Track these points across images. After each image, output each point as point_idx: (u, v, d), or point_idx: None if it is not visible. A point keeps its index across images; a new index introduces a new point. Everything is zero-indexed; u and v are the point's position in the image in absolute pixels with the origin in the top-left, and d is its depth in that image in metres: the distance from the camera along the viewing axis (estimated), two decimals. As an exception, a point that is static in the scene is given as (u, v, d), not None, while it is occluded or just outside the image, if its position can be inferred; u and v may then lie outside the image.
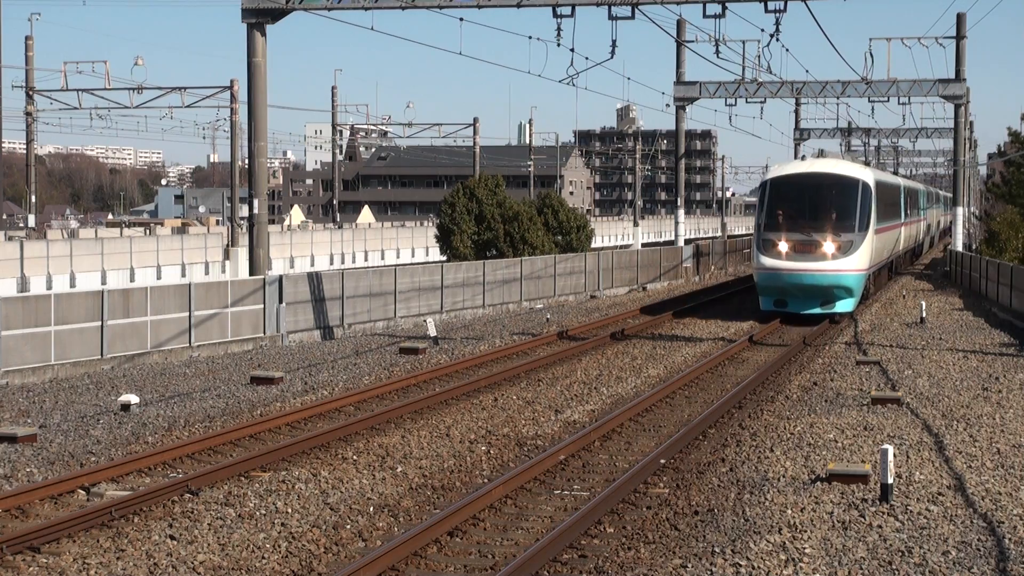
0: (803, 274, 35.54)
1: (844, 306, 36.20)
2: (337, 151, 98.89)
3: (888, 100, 57.24)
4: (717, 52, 35.07)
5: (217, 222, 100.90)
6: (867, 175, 38.12)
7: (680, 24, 53.76)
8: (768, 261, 36.04)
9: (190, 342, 30.04)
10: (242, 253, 54.90)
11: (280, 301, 32.95)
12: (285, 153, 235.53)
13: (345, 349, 30.12)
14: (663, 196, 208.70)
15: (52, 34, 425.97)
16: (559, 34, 31.28)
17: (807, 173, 38.00)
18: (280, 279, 33.47)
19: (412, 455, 17.35)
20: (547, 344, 30.82)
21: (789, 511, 13.75)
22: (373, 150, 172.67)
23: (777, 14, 31.86)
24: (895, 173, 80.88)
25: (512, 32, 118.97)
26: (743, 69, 51.99)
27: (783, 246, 35.73)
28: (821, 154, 45.29)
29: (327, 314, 34.98)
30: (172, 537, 13.16)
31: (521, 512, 14.51)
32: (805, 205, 36.82)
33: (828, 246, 35.44)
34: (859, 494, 14.50)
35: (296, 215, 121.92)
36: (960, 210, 59.52)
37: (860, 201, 36.58)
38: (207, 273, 64.47)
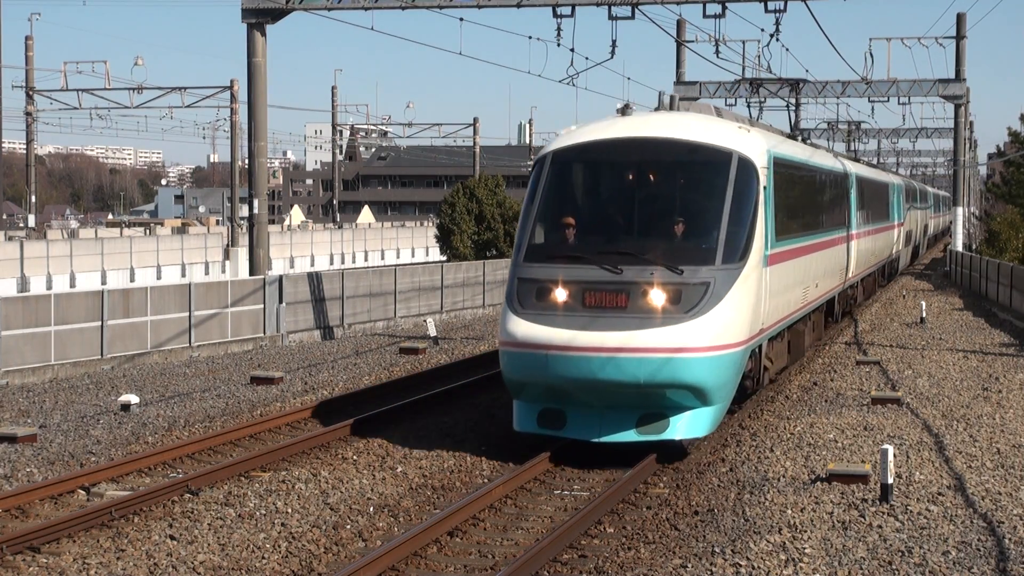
0: (596, 358, 16.15)
1: (690, 426, 16.61)
2: (337, 151, 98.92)
3: (888, 100, 57.14)
4: (717, 52, 35.00)
5: (217, 222, 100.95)
6: (751, 145, 18.22)
7: (680, 24, 53.70)
8: (525, 327, 16.62)
9: (190, 342, 30.03)
10: (242, 253, 54.91)
11: (280, 301, 32.95)
12: (285, 153, 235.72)
13: (345, 349, 30.12)
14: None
15: (52, 34, 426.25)
16: (559, 34, 31.24)
17: (624, 141, 17.91)
18: (280, 279, 33.48)
19: (412, 456, 17.34)
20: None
21: (789, 511, 13.75)
22: (373, 150, 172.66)
23: (777, 14, 31.81)
24: (855, 154, 55.98)
25: (512, 32, 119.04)
26: (743, 69, 51.95)
27: (560, 294, 16.59)
28: (671, 105, 20.09)
29: (327, 314, 34.98)
30: (172, 537, 13.16)
31: (521, 512, 14.51)
32: (614, 207, 17.81)
33: (655, 295, 16.27)
34: (859, 494, 14.50)
35: (296, 215, 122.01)
36: (960, 210, 59.47)
37: (732, 199, 17.24)
38: (207, 273, 64.47)
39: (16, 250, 53.58)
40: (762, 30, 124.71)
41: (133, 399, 20.87)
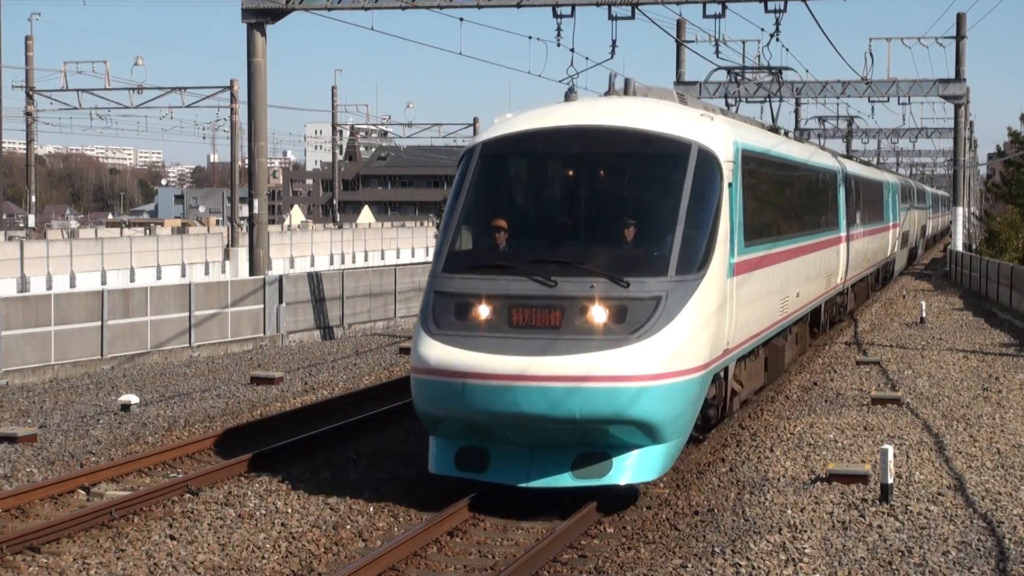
0: (522, 387, 13.64)
1: (638, 468, 14.06)
2: (337, 151, 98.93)
3: (888, 100, 57.13)
4: (717, 52, 34.94)
5: (217, 222, 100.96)
6: (715, 136, 15.80)
7: (680, 24, 53.69)
8: (439, 351, 14.13)
9: (190, 342, 30.03)
10: (242, 253, 54.94)
11: (280, 301, 32.95)
12: (285, 153, 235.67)
13: (345, 349, 30.12)
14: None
15: (52, 34, 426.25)
16: (559, 34, 31.23)
17: (565, 130, 15.53)
18: (280, 279, 33.49)
19: (412, 454, 17.34)
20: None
21: (789, 511, 13.75)
22: (373, 150, 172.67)
23: (777, 14, 31.79)
24: (842, 147, 54.06)
25: (512, 32, 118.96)
26: (743, 70, 51.90)
27: (482, 311, 14.14)
28: (626, 89, 17.14)
29: (327, 314, 34.99)
30: (172, 537, 13.16)
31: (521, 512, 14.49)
32: (551, 207, 15.84)
33: (595, 313, 13.85)
34: (859, 494, 14.50)
35: (296, 215, 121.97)
36: (960, 210, 59.48)
37: (690, 198, 14.80)
38: (207, 273, 64.48)
39: (16, 250, 53.58)
40: (762, 30, 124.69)
41: (133, 399, 20.87)
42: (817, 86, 56.96)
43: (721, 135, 15.98)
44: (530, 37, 33.19)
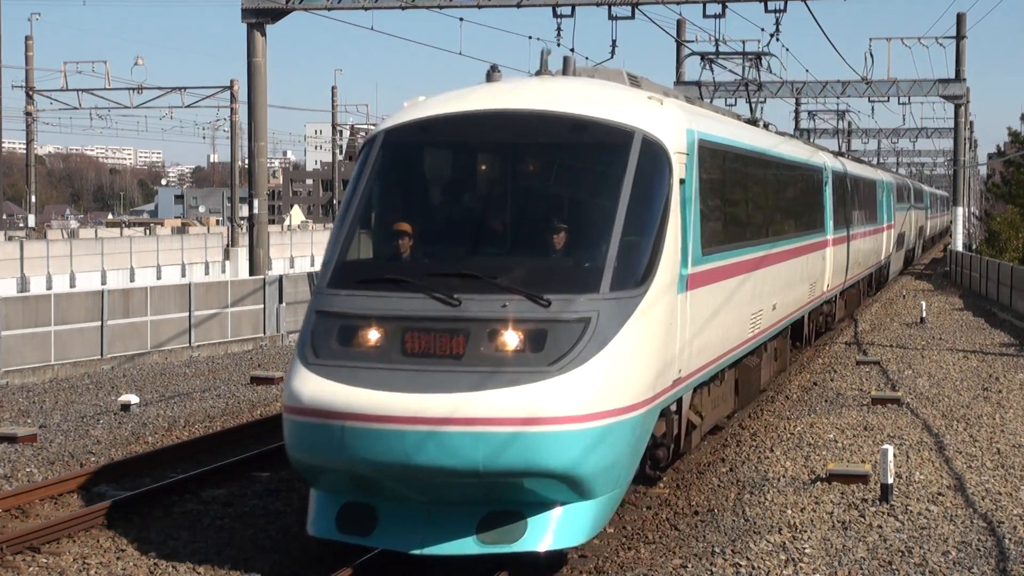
0: (414, 432, 10.91)
1: (561, 530, 11.30)
2: (337, 151, 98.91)
3: (888, 100, 57.18)
4: (717, 52, 34.98)
5: (217, 222, 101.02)
6: (664, 123, 13.17)
7: (680, 24, 53.71)
8: (315, 386, 11.38)
9: (190, 342, 30.03)
10: (242, 253, 54.94)
11: (280, 301, 32.95)
12: (285, 153, 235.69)
13: (345, 349, 30.06)
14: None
15: (52, 34, 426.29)
16: (559, 34, 31.22)
17: (483, 116, 12.91)
18: (280, 279, 33.49)
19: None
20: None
21: (789, 511, 13.75)
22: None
23: (777, 14, 31.86)
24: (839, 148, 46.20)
25: (512, 32, 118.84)
26: (744, 69, 51.89)
27: (371, 336, 11.53)
28: (565, 68, 14.44)
29: (327, 314, 34.94)
30: (172, 537, 13.15)
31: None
32: (461, 209, 13.20)
33: (508, 339, 11.27)
34: (859, 494, 14.50)
35: (296, 215, 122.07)
36: (960, 210, 59.49)
37: (631, 197, 12.24)
38: (207, 273, 64.49)
39: (16, 250, 53.60)
40: (762, 30, 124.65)
41: (133, 399, 20.87)
42: (817, 86, 56.98)
43: (672, 122, 13.28)
44: (530, 37, 33.30)
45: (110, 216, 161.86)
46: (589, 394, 11.07)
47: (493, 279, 11.50)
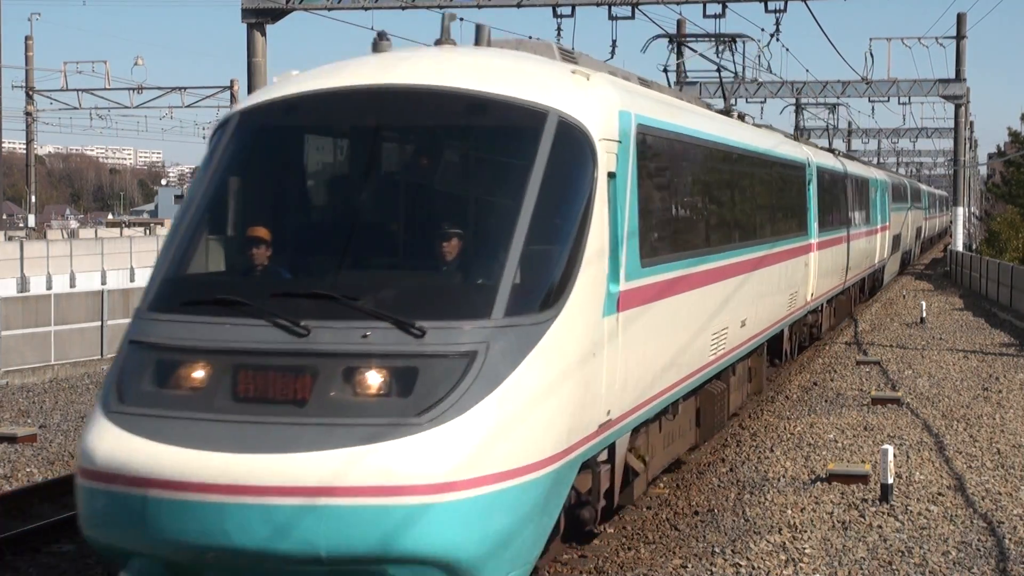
0: (237, 506, 8.07)
1: None
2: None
3: (888, 100, 57.28)
4: (717, 52, 35.00)
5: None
6: (589, 102, 10.37)
7: (680, 24, 53.71)
8: (113, 441, 8.50)
9: (190, 342, 30.02)
10: (242, 253, 54.69)
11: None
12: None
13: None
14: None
15: (52, 34, 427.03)
16: (559, 34, 31.30)
17: (359, 92, 10.18)
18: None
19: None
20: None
21: (789, 511, 13.75)
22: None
23: (777, 14, 31.90)
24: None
25: (512, 32, 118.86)
26: (743, 69, 51.95)
27: (194, 375, 8.72)
28: (478, 38, 11.62)
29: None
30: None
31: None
32: (325, 210, 10.63)
33: (367, 379, 8.50)
34: (859, 494, 14.50)
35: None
36: (960, 210, 59.52)
37: (539, 194, 9.41)
38: (207, 273, 64.42)
39: (16, 250, 53.61)
40: (762, 30, 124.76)
41: (133, 399, 20.85)
42: (817, 86, 57.03)
43: (600, 102, 10.64)
44: (530, 37, 33.19)
45: (110, 216, 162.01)
46: (471, 452, 8.34)
47: (354, 300, 8.79)
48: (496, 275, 9.05)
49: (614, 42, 32.27)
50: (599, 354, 10.08)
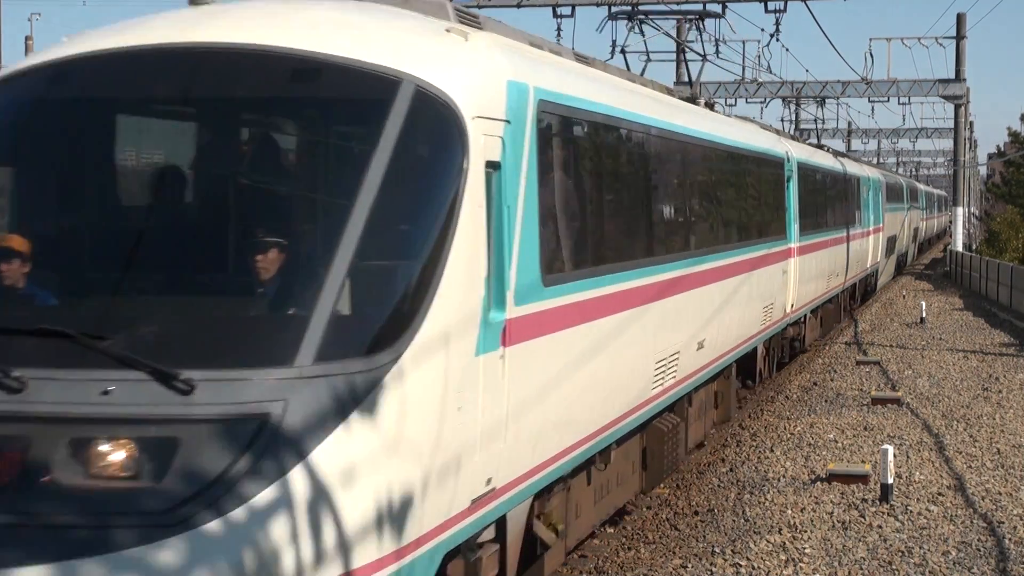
0: None
1: None
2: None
3: (888, 100, 57.28)
4: (717, 52, 35.07)
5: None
6: (463, 68, 7.80)
7: (680, 24, 53.76)
8: None
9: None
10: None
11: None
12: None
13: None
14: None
15: (52, 34, 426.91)
16: (559, 34, 31.25)
17: (163, 52, 7.39)
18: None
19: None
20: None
21: (789, 511, 13.75)
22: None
23: (777, 14, 31.93)
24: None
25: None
26: (743, 69, 52.09)
27: None
28: None
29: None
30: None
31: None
32: (103, 207, 7.65)
33: (105, 458, 5.89)
34: (859, 494, 14.50)
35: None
36: (960, 210, 59.54)
37: (381, 190, 6.77)
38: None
39: None
40: (762, 30, 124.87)
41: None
42: (817, 86, 57.06)
43: (480, 69, 8.09)
44: (530, 37, 33.17)
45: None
46: (250, 567, 5.79)
47: (98, 339, 6.28)
48: (309, 303, 6.51)
49: (614, 42, 32.27)
50: (470, 406, 7.45)
